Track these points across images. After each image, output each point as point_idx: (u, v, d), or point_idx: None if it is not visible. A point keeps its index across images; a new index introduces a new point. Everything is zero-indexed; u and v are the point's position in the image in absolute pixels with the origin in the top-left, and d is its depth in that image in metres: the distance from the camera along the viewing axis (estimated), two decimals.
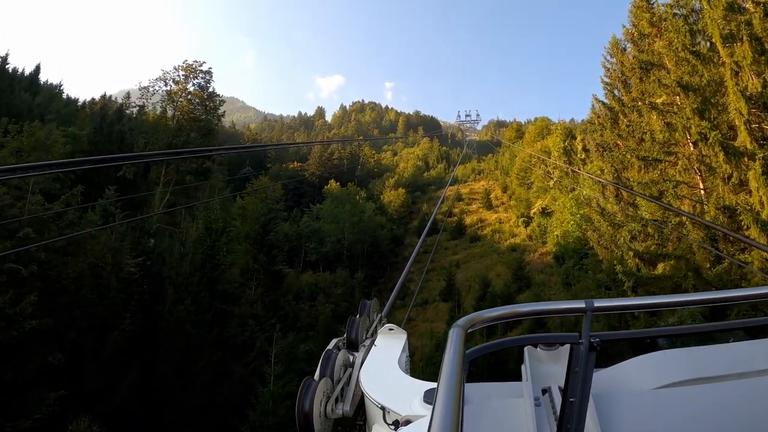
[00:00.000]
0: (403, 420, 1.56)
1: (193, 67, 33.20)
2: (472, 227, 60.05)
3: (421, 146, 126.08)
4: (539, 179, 52.49)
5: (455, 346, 0.98)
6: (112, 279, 17.77)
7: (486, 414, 1.27)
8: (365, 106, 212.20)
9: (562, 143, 44.75)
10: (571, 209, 33.07)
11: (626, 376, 1.33)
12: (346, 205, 50.54)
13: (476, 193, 77.62)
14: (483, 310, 1.20)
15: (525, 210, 53.63)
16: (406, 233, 63.28)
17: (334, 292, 35.51)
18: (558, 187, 43.24)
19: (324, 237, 48.16)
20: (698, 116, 13.41)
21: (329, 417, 1.95)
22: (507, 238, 50.65)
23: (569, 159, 43.67)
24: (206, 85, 33.45)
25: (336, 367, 2.17)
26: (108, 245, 18.35)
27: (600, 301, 1.15)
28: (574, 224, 32.78)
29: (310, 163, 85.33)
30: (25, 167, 12.44)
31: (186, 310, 20.06)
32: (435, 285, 42.38)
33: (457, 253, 51.99)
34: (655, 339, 2.32)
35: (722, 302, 1.33)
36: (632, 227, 16.62)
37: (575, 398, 1.10)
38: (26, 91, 46.10)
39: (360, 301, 3.08)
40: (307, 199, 72.70)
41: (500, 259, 44.15)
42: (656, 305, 1.30)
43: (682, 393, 1.21)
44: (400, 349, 2.35)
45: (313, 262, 47.29)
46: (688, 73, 13.92)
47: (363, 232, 49.01)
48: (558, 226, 39.11)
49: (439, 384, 0.83)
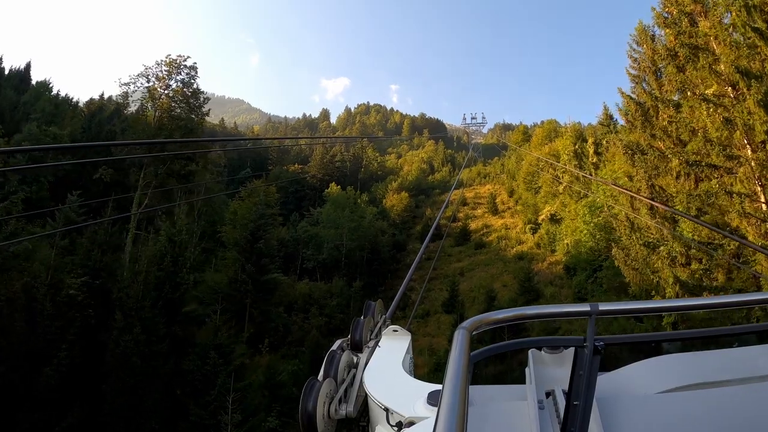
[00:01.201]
0: (407, 421, 1.57)
1: (177, 62, 31.20)
2: (477, 233, 57.73)
3: (426, 149, 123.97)
4: (547, 183, 50.06)
5: (460, 348, 0.99)
6: (46, 302, 15.36)
7: (489, 416, 1.27)
8: (370, 108, 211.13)
9: (572, 146, 42.38)
10: (584, 217, 30.56)
11: (630, 380, 1.33)
12: (345, 209, 48.41)
13: (482, 198, 75.26)
14: (488, 312, 1.21)
15: (532, 216, 51.21)
16: (408, 239, 61.12)
17: (328, 303, 33.37)
18: (568, 192, 40.87)
19: (322, 243, 46.08)
20: (764, 110, 10.99)
21: (333, 418, 1.93)
22: (514, 245, 48.27)
23: (580, 163, 41.34)
24: (191, 82, 31.49)
25: (340, 368, 2.14)
26: (47, 262, 15.99)
27: (605, 304, 1.17)
28: (587, 233, 30.34)
29: (311, 165, 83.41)
30: None
31: (135, 339, 17.27)
32: (437, 295, 40.15)
33: (462, 261, 49.71)
34: (660, 343, 1.83)
35: (728, 307, 1.33)
36: (672, 248, 14.07)
37: (579, 402, 1.11)
38: (15, 89, 44.60)
39: (364, 303, 2.97)
40: (308, 203, 70.80)
41: (506, 268, 41.84)
42: (661, 309, 1.33)
43: (687, 397, 1.21)
44: (404, 350, 2.34)
45: (310, 269, 45.22)
46: (746, 57, 11.63)
47: (363, 238, 46.85)
48: (568, 234, 36.76)
49: (444, 386, 0.84)
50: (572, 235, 35.30)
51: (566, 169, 38.40)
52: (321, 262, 44.67)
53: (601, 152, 39.55)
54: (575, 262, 31.18)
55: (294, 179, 64.49)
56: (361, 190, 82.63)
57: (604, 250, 28.56)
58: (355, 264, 45.03)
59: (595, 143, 39.96)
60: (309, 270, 45.29)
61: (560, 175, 45.24)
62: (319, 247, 45.67)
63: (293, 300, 33.86)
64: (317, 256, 45.03)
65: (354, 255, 45.04)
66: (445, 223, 53.69)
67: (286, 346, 29.52)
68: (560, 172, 44.66)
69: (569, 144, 42.96)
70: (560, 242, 38.93)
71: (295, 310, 32.90)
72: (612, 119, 41.44)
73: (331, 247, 44.58)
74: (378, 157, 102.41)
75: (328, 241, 45.12)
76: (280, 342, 29.51)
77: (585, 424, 1.09)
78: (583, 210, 30.60)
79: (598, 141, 40.11)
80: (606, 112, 41.57)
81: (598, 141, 40.11)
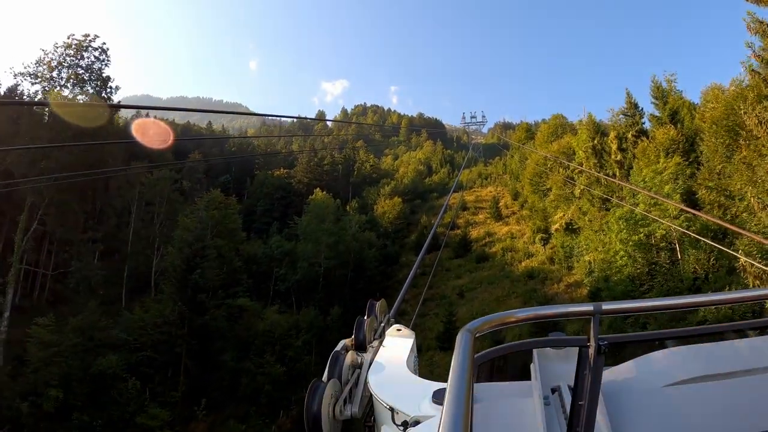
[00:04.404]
0: (412, 420, 1.57)
1: (82, 44, 24.69)
2: (478, 243, 51.02)
3: (424, 149, 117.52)
4: (558, 185, 43.24)
5: (464, 350, 0.99)
6: None
7: (495, 413, 1.28)
8: (367, 109, 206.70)
9: (590, 141, 35.62)
10: (620, 233, 23.20)
11: (635, 374, 1.33)
12: (326, 221, 41.74)
13: (483, 201, 68.56)
14: (492, 314, 1.19)
15: (542, 223, 44.38)
16: (402, 250, 54.57)
17: (293, 343, 26.63)
18: (587, 196, 34.12)
19: (298, 261, 39.43)
20: None
21: (338, 419, 1.93)
22: (521, 258, 41.43)
23: (600, 161, 34.62)
24: (101, 67, 25.15)
25: (344, 369, 2.14)
26: None
27: (608, 303, 1.17)
28: (624, 255, 23.40)
29: (297, 169, 76.94)
30: None
31: None
32: (432, 323, 33.51)
33: (461, 277, 43.01)
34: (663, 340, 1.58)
35: (735, 302, 1.35)
36: None
37: (585, 399, 1.12)
38: None
39: (368, 302, 2.91)
40: (294, 210, 64.22)
41: (514, 289, 35.10)
42: (665, 307, 1.32)
43: (693, 390, 1.22)
44: (408, 349, 2.32)
45: (283, 292, 38.56)
46: None
47: (346, 253, 40.21)
48: (591, 250, 30.00)
49: (449, 387, 0.84)
50: (596, 252, 28.54)
51: (585, 171, 31.63)
52: (295, 282, 38.00)
53: (626, 148, 32.83)
54: (604, 287, 24.25)
55: (224, 159, 55.89)
56: (353, 195, 76.16)
57: (646, 278, 21.93)
58: (336, 284, 38.40)
59: (618, 137, 33.24)
60: (282, 293, 38.65)
61: (575, 176, 38.51)
62: (294, 266, 39.02)
63: (250, 338, 27.09)
64: (292, 276, 38.38)
65: (334, 274, 38.39)
66: (443, 231, 47.16)
67: (234, 404, 22.88)
68: (575, 173, 37.95)
69: (586, 139, 36.20)
70: (580, 258, 32.17)
71: (251, 352, 26.17)
72: (637, 108, 34.76)
73: (306, 266, 37.90)
74: (371, 159, 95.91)
75: (304, 258, 38.47)
76: (226, 399, 22.87)
77: (591, 421, 1.09)
78: (618, 224, 23.65)
79: (621, 135, 33.40)
80: (630, 100, 34.88)
81: (621, 135, 33.40)
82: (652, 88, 32.42)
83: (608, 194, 30.84)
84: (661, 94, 32.11)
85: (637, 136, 31.80)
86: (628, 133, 32.94)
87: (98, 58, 25.27)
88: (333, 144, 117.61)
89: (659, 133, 28.75)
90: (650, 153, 27.75)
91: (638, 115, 34.04)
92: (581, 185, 34.84)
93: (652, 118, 32.32)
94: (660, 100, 31.84)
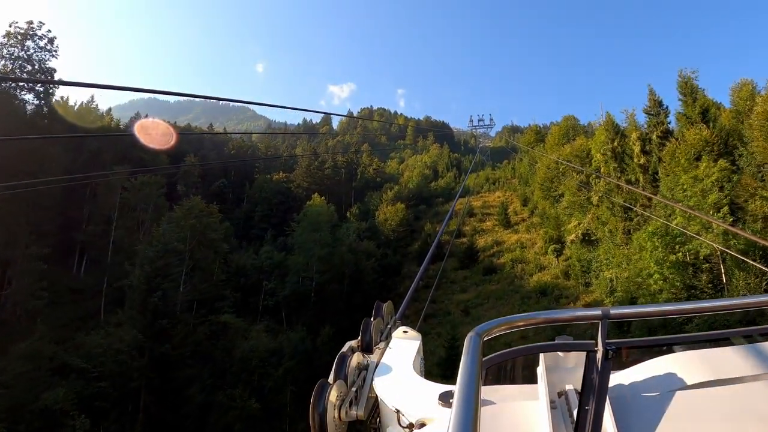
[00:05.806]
0: (418, 423, 1.57)
1: (25, 33, 21.94)
2: (486, 252, 47.61)
3: (430, 153, 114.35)
4: (571, 191, 39.78)
5: (472, 354, 0.99)
6: None
7: (501, 416, 1.28)
8: (373, 113, 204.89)
9: (609, 144, 32.18)
10: (655, 252, 19.54)
11: (644, 378, 1.33)
12: (319, 230, 38.68)
13: (491, 207, 65.04)
14: (501, 317, 1.19)
15: (554, 231, 40.88)
16: (404, 260, 51.34)
17: (273, 373, 23.48)
18: (606, 204, 30.66)
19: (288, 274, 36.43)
20: None
21: (343, 420, 1.87)
22: (533, 271, 37.97)
23: (621, 165, 31.18)
24: (45, 58, 22.48)
25: (350, 370, 2.04)
26: None
27: (616, 308, 1.17)
28: (659, 278, 19.85)
29: (296, 173, 74.19)
30: None
31: None
32: (433, 345, 30.26)
33: (467, 291, 39.71)
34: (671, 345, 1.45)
35: (743, 308, 1.34)
36: None
37: (592, 403, 1.12)
38: None
39: (374, 303, 2.66)
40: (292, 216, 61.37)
41: (525, 307, 31.69)
42: (674, 312, 1.30)
43: (701, 395, 1.22)
44: (415, 351, 2.25)
45: (272, 307, 35.54)
46: None
47: (341, 265, 37.10)
48: (611, 265, 26.52)
49: (457, 390, 0.85)
50: (618, 268, 25.05)
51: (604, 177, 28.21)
52: (285, 298, 34.96)
53: (651, 150, 29.38)
54: None
55: (182, 168, 52.97)
56: (355, 200, 73.19)
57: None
58: (329, 300, 35.29)
59: (641, 139, 29.79)
60: (271, 308, 35.63)
61: (592, 182, 35.11)
62: (283, 279, 36.01)
63: (226, 364, 24.01)
64: (281, 290, 35.35)
65: (327, 289, 35.29)
66: (447, 239, 43.85)
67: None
68: (592, 178, 34.54)
69: (604, 141, 32.77)
70: (599, 273, 28.65)
71: (226, 380, 23.10)
72: (661, 106, 31.29)
73: (295, 280, 34.84)
74: (376, 163, 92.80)
75: (294, 271, 35.43)
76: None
77: (598, 425, 1.09)
78: (651, 242, 20.12)
79: (645, 136, 29.96)
80: (653, 98, 31.41)
81: (645, 136, 29.96)
82: (679, 83, 28.99)
83: (631, 202, 27.39)
84: (690, 89, 28.66)
85: (664, 137, 28.34)
86: (653, 134, 29.50)
87: (43, 47, 22.68)
88: (337, 147, 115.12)
89: (690, 134, 25.32)
90: (680, 156, 24.31)
91: (663, 113, 30.59)
92: (599, 191, 31.45)
93: (680, 116, 28.83)
94: (689, 97, 28.38)
